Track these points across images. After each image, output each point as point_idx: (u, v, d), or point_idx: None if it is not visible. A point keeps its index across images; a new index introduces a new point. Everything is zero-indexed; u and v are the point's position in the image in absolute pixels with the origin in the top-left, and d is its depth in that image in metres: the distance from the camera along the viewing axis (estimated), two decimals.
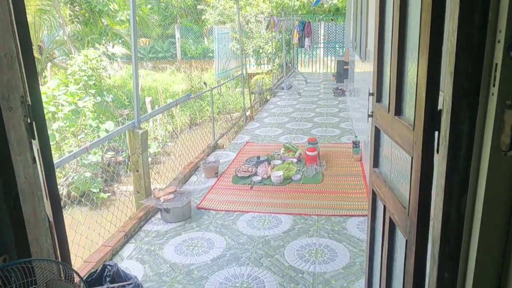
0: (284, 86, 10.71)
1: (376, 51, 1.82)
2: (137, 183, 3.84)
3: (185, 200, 3.55)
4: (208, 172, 4.64)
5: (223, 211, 3.79)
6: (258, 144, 5.99)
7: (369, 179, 2.03)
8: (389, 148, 1.72)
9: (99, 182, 6.93)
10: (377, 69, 1.83)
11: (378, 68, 1.82)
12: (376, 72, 1.83)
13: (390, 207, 1.65)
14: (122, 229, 3.33)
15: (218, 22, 17.18)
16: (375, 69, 1.85)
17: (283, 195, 4.10)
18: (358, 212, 3.64)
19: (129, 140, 3.75)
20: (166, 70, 18.82)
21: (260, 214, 3.71)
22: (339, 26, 16.40)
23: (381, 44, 1.79)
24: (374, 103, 1.88)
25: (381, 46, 1.79)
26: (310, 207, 3.79)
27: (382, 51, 1.79)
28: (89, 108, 6.97)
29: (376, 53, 1.82)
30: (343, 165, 4.90)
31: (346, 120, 7.28)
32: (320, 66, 15.96)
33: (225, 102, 12.18)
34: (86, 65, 7.24)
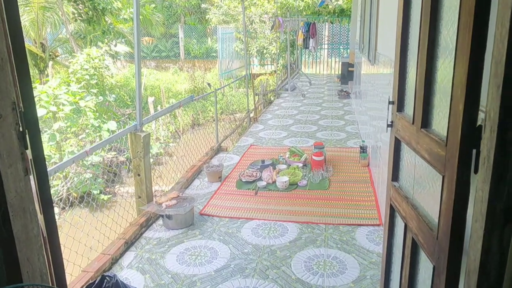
0: (288, 87, 10.57)
1: (397, 55, 1.69)
2: (139, 187, 3.71)
3: (187, 207, 3.42)
4: (211, 176, 4.51)
5: (227, 218, 3.66)
6: (262, 147, 5.86)
7: (387, 192, 1.89)
8: (411, 162, 1.59)
9: (100, 183, 6.82)
10: (398, 75, 1.69)
11: (400, 74, 1.68)
12: (398, 79, 1.70)
13: (413, 226, 1.52)
14: (122, 236, 3.20)
15: (222, 22, 17.06)
16: (396, 75, 1.72)
17: (289, 202, 3.97)
18: (368, 222, 3.50)
19: (131, 143, 3.62)
20: (169, 69, 18.70)
21: (265, 221, 3.58)
22: (344, 28, 16.25)
23: (403, 48, 1.66)
24: (394, 112, 1.74)
25: (404, 50, 1.66)
26: (317, 215, 3.66)
27: (405, 56, 1.66)
28: (90, 107, 6.85)
29: (397, 57, 1.69)
30: (350, 171, 4.77)
31: (351, 123, 7.15)
32: (324, 68, 15.82)
33: (228, 103, 12.06)
34: (88, 64, 7.12)
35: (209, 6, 17.85)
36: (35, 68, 11.41)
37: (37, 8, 11.11)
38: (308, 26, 11.46)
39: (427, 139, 1.36)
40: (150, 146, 8.00)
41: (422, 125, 1.41)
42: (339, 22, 16.28)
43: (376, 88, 4.83)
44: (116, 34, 10.66)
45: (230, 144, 6.79)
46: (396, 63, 1.71)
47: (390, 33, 3.54)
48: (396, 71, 1.71)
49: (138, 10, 3.46)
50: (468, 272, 1.12)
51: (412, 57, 1.56)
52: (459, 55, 1.11)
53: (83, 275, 2.72)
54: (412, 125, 1.50)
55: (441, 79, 1.28)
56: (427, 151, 1.36)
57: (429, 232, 1.35)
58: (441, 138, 1.24)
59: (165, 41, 20.45)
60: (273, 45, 14.34)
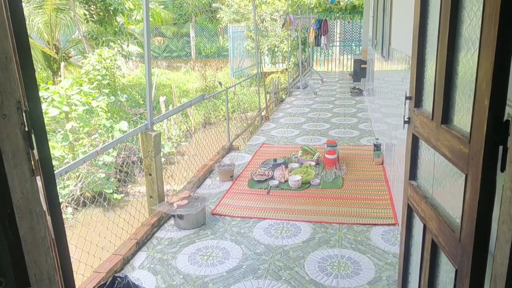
0: (300, 85, 10.48)
1: (415, 48, 1.62)
2: (150, 187, 3.69)
3: (199, 207, 3.39)
4: (223, 175, 4.47)
5: (239, 218, 3.62)
6: (274, 145, 5.80)
7: (404, 191, 1.82)
8: (430, 160, 1.51)
9: (112, 182, 6.84)
10: (416, 69, 1.62)
11: (418, 68, 1.61)
12: (415, 73, 1.62)
13: (433, 227, 1.45)
14: (134, 237, 3.18)
15: (232, 21, 17.03)
16: (413, 70, 1.65)
17: (301, 201, 3.90)
18: (383, 221, 3.42)
19: (142, 142, 3.60)
20: (180, 69, 18.76)
21: (278, 221, 3.53)
22: (356, 24, 16.08)
23: (421, 40, 1.59)
24: (411, 108, 1.67)
25: (422, 42, 1.59)
26: (330, 215, 3.59)
27: (423, 49, 1.58)
28: (102, 108, 6.87)
29: (415, 50, 1.62)
30: (364, 169, 4.68)
31: (365, 120, 7.04)
32: (336, 65, 15.68)
33: (240, 101, 12.02)
34: (100, 64, 7.15)
35: (220, 5, 17.83)
36: (48, 70, 11.53)
37: (50, 10, 11.23)
38: (319, 23, 11.34)
39: (448, 136, 1.29)
40: (162, 145, 8.01)
41: (442, 121, 1.34)
42: (350, 19, 16.12)
43: (390, 84, 4.73)
44: (128, 35, 10.70)
45: (242, 143, 6.75)
46: (414, 57, 1.64)
47: (405, 27, 3.46)
48: (414, 65, 1.64)
49: (148, 12, 3.44)
50: (494, 277, 1.05)
51: (431, 49, 1.49)
52: (484, 46, 1.04)
53: (94, 276, 2.70)
54: (432, 121, 1.43)
55: (463, 72, 1.21)
56: (448, 148, 1.29)
57: (450, 234, 1.28)
58: (463, 135, 1.17)
59: (176, 41, 20.52)
60: (284, 43, 14.26)
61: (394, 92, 4.19)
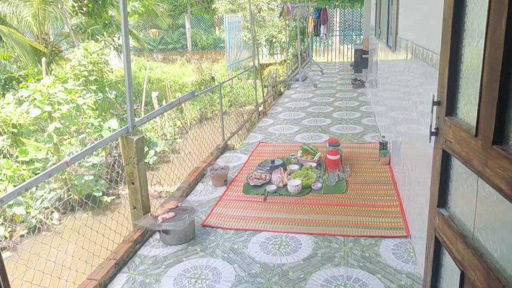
0: (299, 77, 10.07)
1: (446, 40, 1.23)
2: (133, 197, 3.32)
3: (187, 220, 3.02)
4: (216, 180, 4.10)
5: (232, 230, 3.25)
6: (272, 144, 5.42)
7: (429, 219, 1.45)
8: (471, 187, 1.14)
9: (102, 184, 6.49)
10: (448, 65, 1.24)
11: (451, 64, 1.23)
12: (447, 72, 1.24)
13: (476, 280, 1.08)
14: (113, 256, 2.82)
15: (229, 11, 16.53)
16: (443, 67, 1.26)
17: (301, 209, 3.54)
18: (393, 233, 3.06)
19: (122, 148, 3.22)
20: (176, 62, 18.31)
21: (276, 233, 3.16)
22: (356, 13, 15.59)
23: (456, 29, 1.20)
24: (441, 116, 1.29)
25: (457, 33, 1.20)
26: (334, 225, 3.23)
27: (458, 41, 1.20)
28: (89, 105, 6.48)
29: (446, 43, 1.23)
30: (369, 170, 4.31)
31: (368, 115, 6.65)
32: (336, 55, 15.22)
33: (236, 95, 11.61)
34: (86, 59, 6.74)
35: None
36: (38, 65, 11.10)
37: (38, 3, 10.76)
38: (318, 12, 10.90)
39: (504, 163, 0.92)
40: (155, 143, 7.62)
41: (495, 141, 0.96)
42: (350, 7, 15.62)
43: (396, 76, 4.34)
44: (118, 27, 10.25)
45: (238, 141, 6.38)
46: (444, 51, 1.25)
47: (415, 15, 3.07)
48: (444, 61, 1.25)
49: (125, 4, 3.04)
50: None
51: (472, 40, 1.10)
52: None
53: None
54: (475, 138, 1.05)
55: None
56: (505, 180, 0.92)
57: None
58: None
59: (172, 33, 20.01)
60: (283, 33, 13.79)
61: (401, 84, 3.80)
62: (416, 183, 2.86)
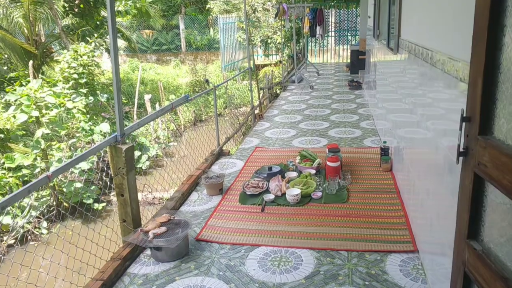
0: (295, 79, 9.89)
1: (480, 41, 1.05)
2: (123, 210, 3.12)
3: (180, 236, 2.82)
4: (210, 189, 3.91)
5: (228, 244, 3.06)
6: (269, 149, 5.23)
7: (456, 252, 1.27)
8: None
9: (93, 190, 6.26)
10: (483, 74, 1.05)
11: (486, 71, 1.05)
12: (481, 80, 1.06)
13: None
14: (100, 276, 2.61)
15: (223, 11, 16.34)
16: (475, 76, 1.08)
17: (301, 220, 3.35)
18: (399, 247, 2.88)
19: (111, 158, 3.02)
20: (170, 63, 18.08)
21: (275, 248, 2.97)
22: (351, 13, 15.45)
23: (494, 32, 1.01)
24: (473, 134, 1.10)
25: (494, 35, 1.01)
26: (336, 238, 3.04)
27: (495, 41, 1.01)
28: (80, 109, 6.26)
29: (480, 46, 1.05)
30: (370, 177, 4.13)
31: (366, 117, 6.49)
32: (331, 56, 15.08)
33: (232, 96, 11.40)
34: (76, 61, 6.51)
35: None
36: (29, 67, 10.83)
37: (28, 3, 10.49)
38: (314, 12, 10.74)
39: None
40: (147, 147, 7.40)
41: None
42: (346, 7, 15.49)
43: (396, 78, 4.17)
44: None
45: (233, 145, 6.19)
46: (477, 55, 1.07)
47: (420, 16, 2.89)
48: (478, 68, 1.07)
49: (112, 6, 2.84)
50: None
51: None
52: None
53: None
54: None
55: None
56: None
57: None
58: None
59: (166, 34, 19.75)
60: (278, 34, 13.62)
61: (402, 87, 3.63)
62: (425, 194, 2.69)
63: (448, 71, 1.97)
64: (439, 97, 2.52)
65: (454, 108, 2.13)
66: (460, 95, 1.76)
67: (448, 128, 2.15)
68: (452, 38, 1.99)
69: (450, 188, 2.03)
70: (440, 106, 2.39)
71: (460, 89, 1.70)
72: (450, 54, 1.99)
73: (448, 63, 1.94)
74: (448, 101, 2.17)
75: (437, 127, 2.41)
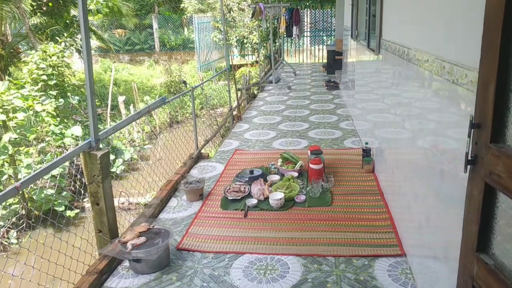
0: (272, 79, 9.83)
1: (492, 42, 0.98)
2: (98, 219, 2.94)
3: (161, 246, 2.68)
4: (191, 194, 3.77)
5: (211, 253, 2.93)
6: (249, 151, 5.13)
7: (462, 264, 1.20)
8: None
9: (66, 197, 5.99)
10: (495, 78, 0.98)
11: (499, 73, 0.97)
12: (493, 85, 0.99)
13: None
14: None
15: (198, 11, 16.13)
16: (487, 78, 1.01)
17: (286, 225, 3.26)
18: (387, 251, 2.83)
19: (85, 165, 2.84)
20: (144, 63, 17.70)
21: (260, 256, 2.87)
22: (326, 13, 15.54)
23: (508, 28, 0.94)
24: (483, 141, 1.03)
25: (508, 33, 0.94)
26: (322, 243, 2.97)
27: (510, 43, 0.94)
28: (50, 112, 5.97)
29: (492, 46, 0.98)
30: (353, 179, 4.09)
31: (345, 118, 6.48)
32: (307, 56, 15.11)
33: (209, 97, 11.24)
34: (45, 62, 6.21)
35: None
36: None
37: None
38: (291, 12, 10.70)
39: None
40: (122, 151, 7.15)
41: None
42: (321, 7, 15.56)
43: (378, 79, 4.15)
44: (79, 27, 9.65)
45: (212, 147, 6.05)
46: (488, 58, 1.00)
47: (402, 16, 2.85)
48: (489, 72, 1.00)
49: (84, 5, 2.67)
50: None
51: None
52: None
53: None
54: None
55: None
56: None
57: None
58: None
59: (139, 33, 19.34)
60: (254, 34, 13.54)
61: (385, 87, 3.60)
62: (412, 197, 2.65)
63: (438, 72, 1.93)
64: (417, 97, 2.49)
65: (435, 108, 2.09)
66: (447, 94, 1.71)
67: (433, 128, 2.10)
68: (444, 39, 1.94)
69: (442, 192, 1.98)
70: (425, 106, 2.35)
71: (440, 87, 1.65)
72: (440, 55, 1.94)
73: (434, 63, 1.89)
74: (425, 100, 2.13)
75: (423, 127, 2.37)
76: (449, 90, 1.77)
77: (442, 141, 1.98)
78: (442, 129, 1.97)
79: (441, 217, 2.01)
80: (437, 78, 1.97)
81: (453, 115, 1.74)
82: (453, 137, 1.74)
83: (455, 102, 1.68)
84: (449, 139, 1.85)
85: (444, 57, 1.82)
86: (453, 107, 1.73)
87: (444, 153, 1.90)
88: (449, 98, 1.80)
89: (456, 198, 1.59)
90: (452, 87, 1.71)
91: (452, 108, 1.75)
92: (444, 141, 1.94)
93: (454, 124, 1.72)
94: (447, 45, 1.84)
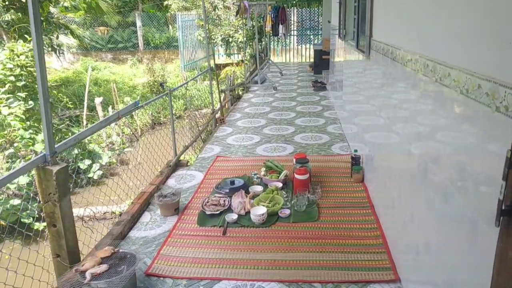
0: (257, 79, 9.52)
1: None
2: (55, 243, 2.60)
3: (126, 274, 2.35)
4: (165, 209, 3.44)
5: (184, 280, 2.62)
6: (231, 158, 4.81)
7: None
8: None
9: (34, 207, 5.59)
10: None
11: None
12: None
13: None
14: None
15: (182, 9, 15.73)
16: None
17: (268, 245, 2.96)
18: (379, 275, 2.55)
19: (39, 182, 2.50)
20: (127, 62, 17.22)
21: (238, 282, 2.56)
22: (313, 12, 15.29)
23: None
24: None
25: None
26: (308, 267, 2.67)
27: None
28: (18, 115, 5.57)
29: None
30: (341, 189, 3.81)
31: (333, 121, 6.21)
32: (294, 56, 14.84)
33: (192, 97, 10.88)
34: (13, 62, 5.79)
35: None
36: None
37: None
38: (277, 10, 10.41)
39: None
40: (99, 155, 6.75)
41: None
42: (308, 6, 15.30)
43: (368, 81, 3.88)
44: (58, 26, 9.21)
45: (192, 153, 5.72)
46: None
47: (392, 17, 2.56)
48: None
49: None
50: None
51: None
52: None
53: None
54: None
55: None
56: None
57: None
58: None
59: (122, 31, 18.81)
60: (239, 32, 13.21)
61: (376, 89, 3.33)
62: (409, 218, 2.37)
63: (427, 73, 1.64)
64: (409, 98, 2.22)
65: (426, 109, 1.81)
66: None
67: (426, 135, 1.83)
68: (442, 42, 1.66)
69: (445, 216, 1.71)
70: (417, 108, 2.08)
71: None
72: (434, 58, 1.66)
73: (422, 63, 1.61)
74: (415, 102, 1.85)
75: (421, 134, 2.09)
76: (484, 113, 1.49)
77: (445, 155, 1.70)
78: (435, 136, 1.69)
79: (443, 247, 1.74)
80: (459, 97, 1.69)
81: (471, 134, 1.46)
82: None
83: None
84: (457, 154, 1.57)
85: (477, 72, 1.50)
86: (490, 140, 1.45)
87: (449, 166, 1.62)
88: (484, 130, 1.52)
89: (465, 223, 1.31)
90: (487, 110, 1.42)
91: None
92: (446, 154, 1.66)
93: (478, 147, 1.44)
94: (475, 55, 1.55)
